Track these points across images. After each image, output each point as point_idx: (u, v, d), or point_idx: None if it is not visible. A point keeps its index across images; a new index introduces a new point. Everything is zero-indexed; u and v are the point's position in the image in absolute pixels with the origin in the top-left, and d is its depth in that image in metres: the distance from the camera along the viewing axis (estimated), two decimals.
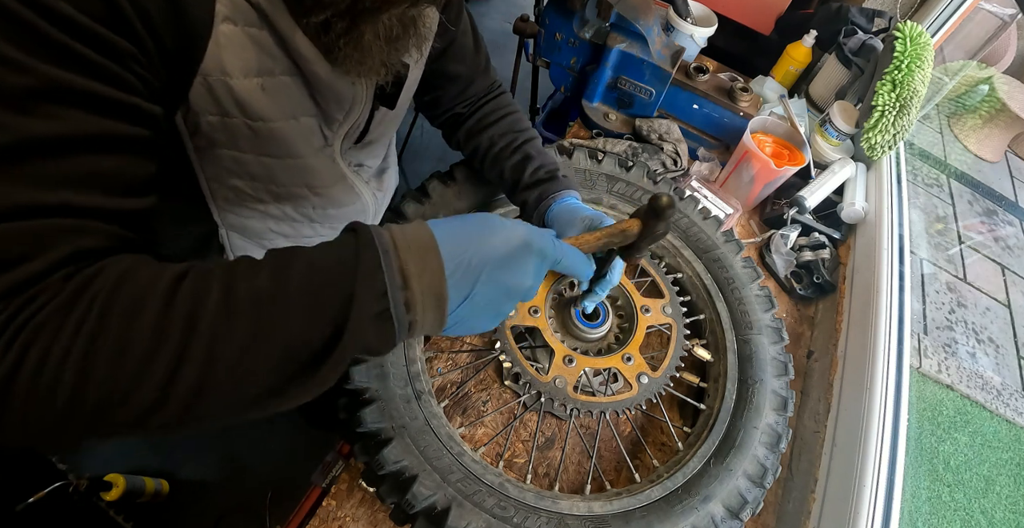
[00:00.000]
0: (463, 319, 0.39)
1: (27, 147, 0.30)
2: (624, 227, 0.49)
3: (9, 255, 0.30)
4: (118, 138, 0.34)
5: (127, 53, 0.34)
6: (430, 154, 2.10)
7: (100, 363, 0.29)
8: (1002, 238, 1.85)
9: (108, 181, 0.34)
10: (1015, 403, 1.18)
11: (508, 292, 0.40)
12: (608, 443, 0.71)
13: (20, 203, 0.30)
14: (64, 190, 0.32)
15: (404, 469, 0.55)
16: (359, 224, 0.37)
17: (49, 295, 0.31)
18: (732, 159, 1.01)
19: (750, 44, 1.42)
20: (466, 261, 0.37)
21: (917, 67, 1.00)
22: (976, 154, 2.20)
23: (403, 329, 0.36)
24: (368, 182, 0.64)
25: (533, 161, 0.69)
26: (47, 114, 0.31)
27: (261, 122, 0.45)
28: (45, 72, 0.30)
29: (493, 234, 0.39)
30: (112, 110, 0.34)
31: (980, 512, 0.99)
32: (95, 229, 0.34)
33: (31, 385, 0.29)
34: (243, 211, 0.55)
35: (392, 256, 0.35)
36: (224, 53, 0.39)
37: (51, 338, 0.29)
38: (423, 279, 0.35)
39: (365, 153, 0.61)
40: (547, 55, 1.10)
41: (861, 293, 0.91)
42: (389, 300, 0.34)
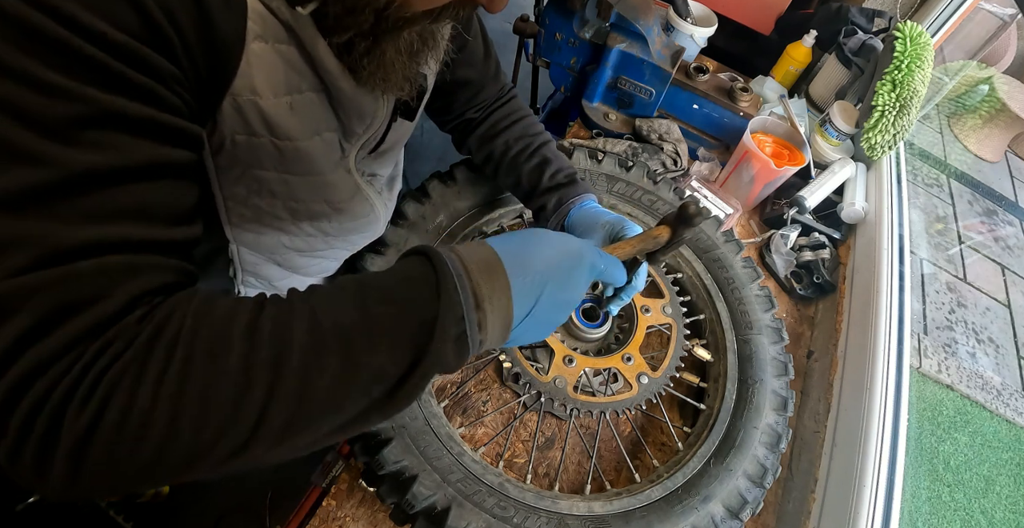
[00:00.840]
0: (524, 332, 0.40)
1: (78, 181, 0.29)
2: (656, 234, 0.52)
3: (77, 297, 0.29)
4: (168, 164, 0.33)
5: (169, 74, 0.33)
6: (430, 154, 2.10)
7: (188, 410, 0.29)
8: (1002, 238, 1.85)
9: (163, 211, 0.33)
10: (1015, 403, 1.18)
11: (565, 304, 0.41)
12: (608, 443, 0.71)
13: (80, 242, 0.29)
14: (122, 224, 0.31)
15: (404, 469, 0.55)
16: (428, 248, 0.38)
17: (126, 340, 0.29)
18: (732, 159, 1.01)
19: (750, 44, 1.42)
20: (528, 278, 0.38)
21: (917, 67, 1.00)
22: (976, 154, 2.20)
23: (475, 347, 0.37)
24: (380, 192, 0.64)
25: (551, 165, 0.69)
26: (95, 143, 0.29)
27: (288, 141, 0.45)
28: (90, 97, 0.29)
29: (550, 249, 0.40)
30: (160, 134, 0.33)
31: (980, 512, 0.99)
32: (159, 264, 0.33)
33: (115, 437, 0.28)
34: (258, 228, 0.54)
35: (465, 279, 0.36)
36: (255, 72, 0.39)
37: (133, 387, 0.28)
38: (493, 300, 0.36)
39: (379, 163, 0.61)
40: (547, 55, 1.10)
41: (861, 293, 0.91)
42: (465, 322, 0.35)
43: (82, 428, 0.27)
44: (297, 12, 0.38)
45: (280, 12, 0.38)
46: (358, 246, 0.68)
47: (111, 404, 0.28)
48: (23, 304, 0.27)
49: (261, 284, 0.62)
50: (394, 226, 0.72)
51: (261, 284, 0.62)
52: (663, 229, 0.52)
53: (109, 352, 0.29)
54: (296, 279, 0.65)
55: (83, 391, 0.28)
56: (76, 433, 0.27)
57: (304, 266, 0.63)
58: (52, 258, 0.28)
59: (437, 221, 0.75)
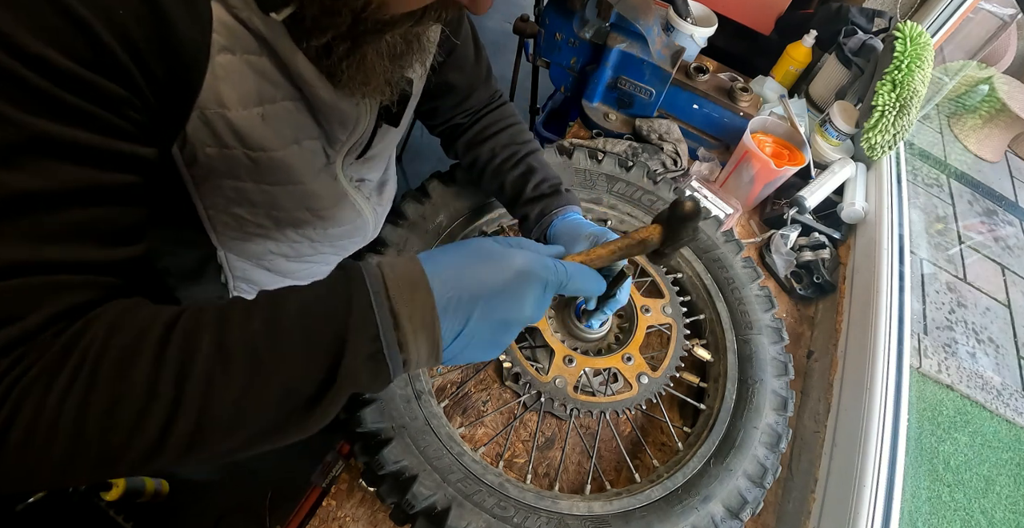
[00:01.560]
0: (460, 353, 0.38)
1: (12, 203, 0.30)
2: (643, 236, 0.47)
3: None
4: (108, 188, 0.34)
5: (117, 97, 0.33)
6: (430, 154, 2.10)
7: (95, 417, 0.29)
8: (1002, 238, 1.85)
9: (99, 233, 0.34)
10: (1015, 403, 1.18)
11: (505, 324, 0.39)
12: (608, 443, 0.71)
13: (7, 261, 0.30)
14: (53, 246, 0.31)
15: (404, 469, 0.55)
16: (349, 263, 0.37)
17: (39, 352, 0.30)
18: (732, 159, 1.01)
19: (750, 44, 1.42)
20: (457, 296, 0.36)
21: (917, 67, 1.00)
22: (976, 154, 2.20)
23: (397, 367, 0.36)
24: (369, 197, 0.64)
25: (536, 175, 0.68)
26: (32, 169, 0.30)
27: (261, 152, 0.45)
28: (30, 124, 0.29)
29: (486, 265, 0.38)
30: (101, 160, 0.33)
31: (980, 512, 0.99)
32: (87, 283, 0.33)
33: (25, 440, 0.29)
34: (243, 236, 0.54)
35: (382, 296, 0.35)
36: (222, 85, 0.38)
37: (43, 394, 0.29)
38: (414, 318, 0.35)
39: (367, 168, 0.60)
40: (547, 55, 1.10)
41: (861, 293, 0.91)
42: (381, 341, 0.34)
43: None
44: (271, 20, 0.38)
45: (251, 22, 0.37)
46: (348, 250, 0.67)
47: (22, 411, 0.29)
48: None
49: (253, 289, 0.62)
50: (394, 226, 0.72)
51: (253, 289, 0.62)
52: (653, 229, 0.47)
53: (22, 364, 0.30)
54: (288, 283, 0.64)
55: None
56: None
57: (294, 271, 0.63)
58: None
59: (437, 221, 0.75)
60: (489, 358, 0.41)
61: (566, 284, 0.42)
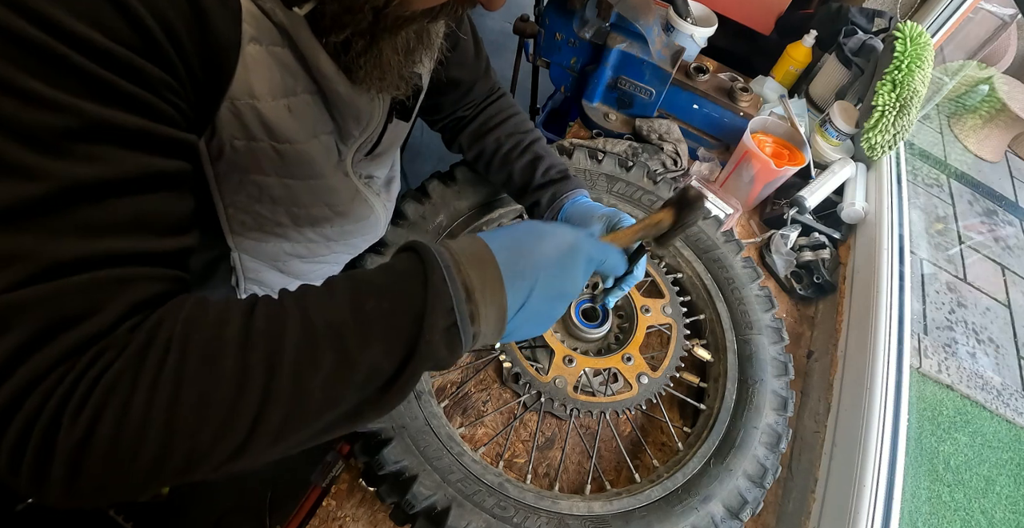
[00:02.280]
0: (520, 325, 0.40)
1: (69, 195, 0.29)
2: (659, 219, 0.51)
3: (70, 312, 0.29)
4: (161, 175, 0.33)
5: (162, 82, 0.32)
6: (430, 154, 2.10)
7: (184, 415, 0.29)
8: (1002, 238, 1.85)
9: (156, 222, 0.33)
10: (1015, 403, 1.18)
11: (561, 296, 0.41)
12: (608, 443, 0.71)
13: (71, 256, 0.29)
14: (114, 237, 0.31)
15: (404, 469, 0.55)
16: (418, 243, 0.38)
17: (117, 350, 0.29)
18: (732, 159, 1.01)
19: (750, 44, 1.42)
20: (521, 270, 0.38)
21: (917, 67, 1.00)
22: (976, 154, 2.21)
23: (468, 340, 0.37)
24: (379, 194, 0.64)
25: (543, 161, 0.69)
26: (87, 155, 0.29)
27: (288, 144, 0.44)
28: (81, 109, 0.28)
29: (543, 241, 0.40)
30: (153, 145, 0.32)
31: (980, 512, 0.99)
32: (151, 275, 0.33)
33: (111, 444, 0.28)
34: (259, 235, 0.54)
35: (454, 271, 0.36)
36: (251, 75, 0.38)
37: (127, 394, 0.28)
38: (485, 291, 0.36)
39: (375, 164, 0.61)
40: (547, 55, 1.10)
41: (861, 293, 0.91)
42: (456, 314, 0.35)
43: (77, 437, 0.27)
44: (292, 13, 0.38)
45: (274, 14, 0.37)
46: (359, 249, 0.68)
47: (106, 412, 0.28)
48: (16, 320, 0.27)
49: (263, 291, 0.62)
50: (394, 226, 0.72)
51: (263, 291, 0.62)
52: (665, 212, 0.51)
53: (101, 362, 0.29)
54: (299, 285, 0.64)
55: (76, 401, 0.28)
56: (71, 443, 0.27)
57: (306, 272, 0.63)
58: (44, 273, 0.28)
59: (437, 221, 0.75)
60: (541, 331, 0.42)
61: (604, 261, 0.45)
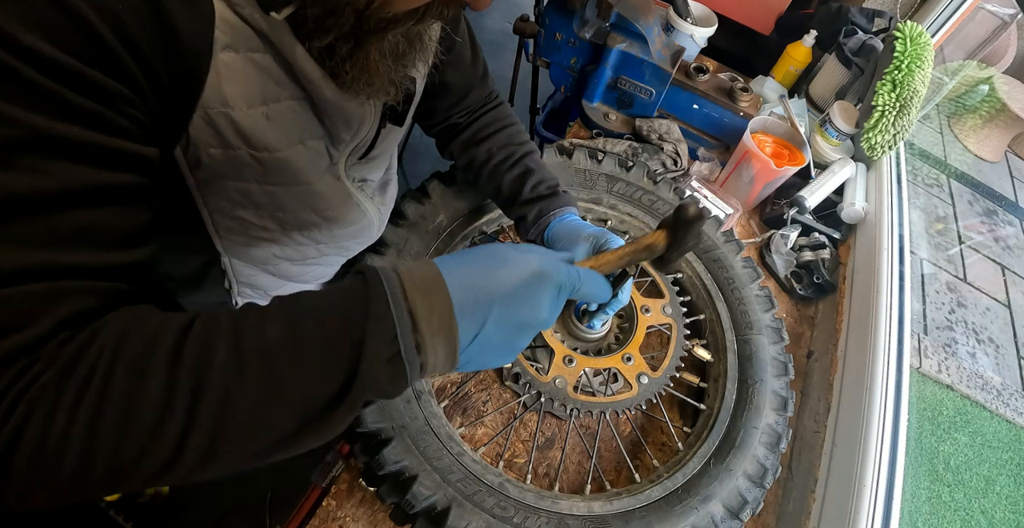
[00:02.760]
0: (476, 356, 0.38)
1: (10, 206, 0.28)
2: (649, 242, 0.47)
3: (0, 324, 0.29)
4: (109, 189, 0.32)
5: (117, 94, 0.31)
6: (430, 154, 2.10)
7: (107, 431, 0.28)
8: (1002, 238, 1.85)
9: (102, 236, 0.32)
10: (1015, 403, 1.18)
11: (520, 327, 0.38)
12: (608, 443, 0.71)
13: (7, 268, 0.28)
14: (54, 250, 0.30)
15: (404, 469, 0.55)
16: (366, 267, 0.36)
17: (46, 362, 0.29)
18: (732, 159, 1.01)
19: (750, 44, 1.42)
20: (474, 298, 0.36)
21: (917, 67, 1.00)
22: (976, 154, 2.20)
23: (415, 371, 0.35)
24: (372, 197, 0.63)
25: (533, 176, 0.67)
26: (30, 168, 0.29)
27: (266, 152, 0.44)
28: (26, 121, 0.28)
29: (501, 268, 0.38)
30: (101, 158, 0.32)
31: (980, 512, 0.99)
32: (92, 288, 0.32)
33: (33, 455, 0.28)
34: (247, 240, 0.53)
35: (400, 298, 0.34)
36: (225, 84, 0.37)
37: (51, 407, 0.28)
38: (432, 320, 0.34)
39: (369, 168, 0.60)
40: (547, 55, 1.10)
41: (861, 293, 0.91)
42: (399, 343, 0.34)
43: (1, 447, 0.27)
44: (272, 18, 0.37)
45: (253, 19, 0.37)
46: (353, 252, 0.67)
47: (28, 424, 0.28)
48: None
49: (257, 294, 0.62)
50: (394, 226, 0.72)
51: (257, 294, 0.62)
52: (659, 235, 0.47)
53: (28, 375, 0.29)
54: (292, 287, 0.64)
55: (0, 413, 0.28)
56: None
57: (299, 274, 0.63)
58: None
59: (437, 221, 0.75)
60: (504, 363, 0.40)
61: (579, 288, 0.42)
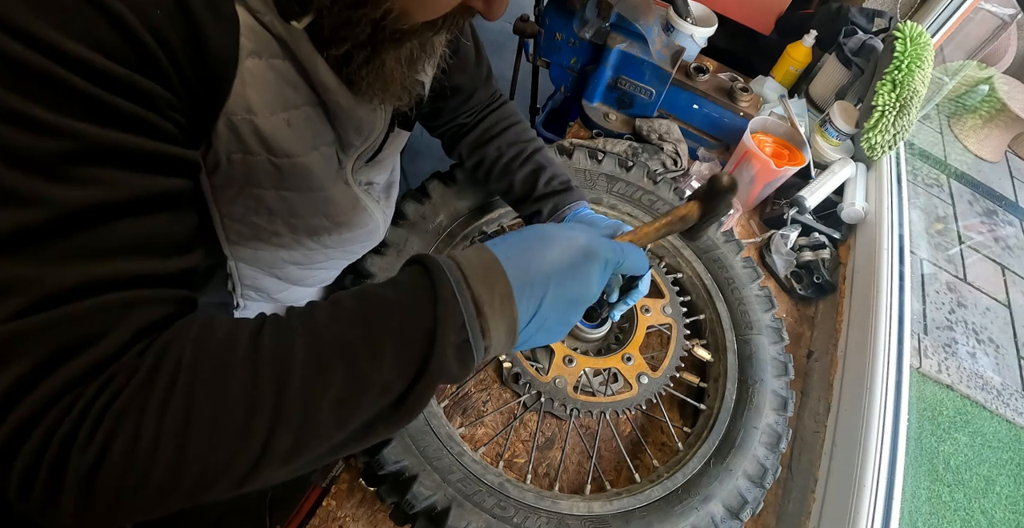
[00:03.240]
0: (533, 335, 0.39)
1: (70, 220, 0.28)
2: (684, 213, 0.49)
3: (77, 339, 0.28)
4: (163, 195, 0.32)
5: (161, 99, 0.32)
6: (430, 154, 2.10)
7: (195, 441, 0.29)
8: (1002, 238, 1.85)
9: (160, 243, 0.33)
10: (1015, 403, 1.18)
11: (575, 303, 0.40)
12: (608, 443, 0.71)
13: (74, 283, 0.28)
14: (117, 261, 0.30)
15: (404, 469, 0.55)
16: (426, 257, 0.37)
17: (126, 375, 0.29)
18: (732, 159, 1.01)
19: (750, 44, 1.42)
20: (531, 280, 0.37)
21: (917, 67, 1.00)
22: (976, 154, 2.21)
23: (480, 355, 0.36)
24: (378, 200, 0.63)
25: (546, 172, 0.68)
26: (86, 179, 0.29)
27: (286, 158, 0.44)
28: (79, 132, 0.28)
29: (552, 247, 0.39)
30: (154, 165, 0.32)
31: (980, 512, 0.99)
32: (156, 297, 0.32)
33: (122, 471, 0.28)
34: (256, 244, 0.53)
35: (463, 286, 0.35)
36: (249, 90, 0.38)
37: (137, 420, 0.28)
38: (495, 305, 0.36)
39: (376, 171, 0.60)
40: (547, 55, 1.10)
41: (861, 293, 0.91)
42: (467, 330, 0.35)
43: (87, 465, 0.27)
44: (291, 26, 0.37)
45: (273, 26, 0.37)
46: (357, 255, 0.67)
47: (116, 438, 0.28)
48: (20, 349, 0.27)
49: (260, 297, 0.62)
50: (394, 226, 0.72)
51: (260, 297, 0.62)
52: (692, 206, 0.48)
53: (110, 388, 0.29)
54: (295, 290, 0.65)
55: (86, 429, 0.28)
56: (82, 472, 0.27)
57: (303, 278, 0.63)
58: (48, 301, 0.28)
59: (437, 221, 0.75)
60: (557, 339, 0.41)
61: (623, 262, 0.43)
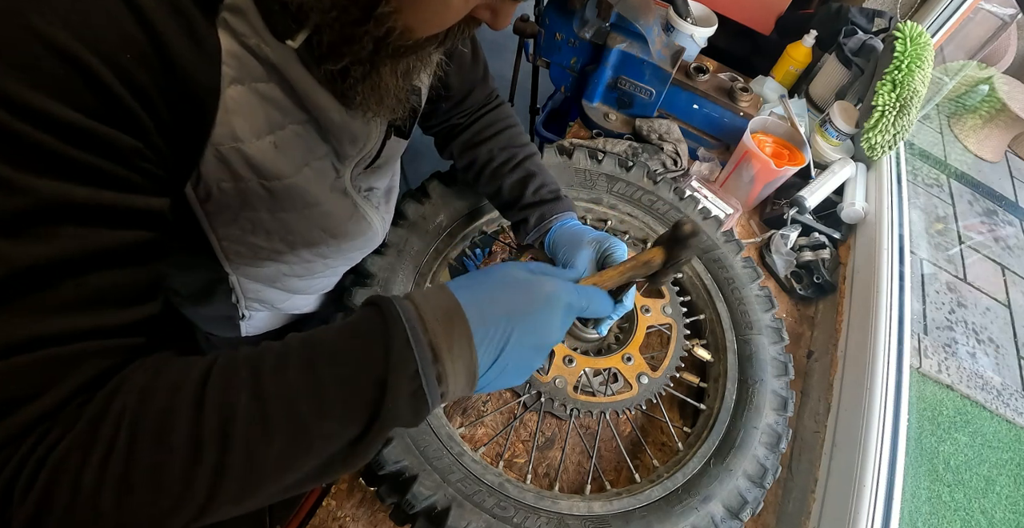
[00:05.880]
0: (494, 380, 0.38)
1: (24, 276, 0.28)
2: (647, 259, 0.48)
3: (19, 392, 0.28)
4: (122, 248, 0.32)
5: (128, 148, 0.31)
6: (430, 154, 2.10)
7: (138, 491, 0.28)
8: (1002, 238, 1.85)
9: (115, 296, 0.32)
10: (1015, 403, 1.18)
11: (537, 349, 0.39)
12: (608, 443, 0.71)
13: (24, 338, 0.28)
14: (70, 315, 0.30)
15: (404, 469, 0.55)
16: (381, 299, 0.36)
17: (63, 426, 0.29)
18: (732, 159, 1.01)
19: (750, 44, 1.42)
20: (493, 324, 0.36)
21: (917, 67, 1.00)
22: (976, 154, 2.20)
23: (435, 401, 0.35)
24: (378, 206, 0.63)
25: (535, 179, 0.67)
26: (41, 237, 0.28)
27: (276, 181, 0.43)
28: (36, 188, 0.27)
29: (517, 292, 0.38)
30: (115, 219, 0.31)
31: (980, 512, 0.99)
32: (108, 348, 0.31)
33: (64, 522, 0.27)
34: (256, 261, 0.53)
35: (420, 331, 0.34)
36: (234, 118, 0.37)
37: (78, 471, 0.28)
38: (453, 350, 0.34)
39: (376, 176, 0.60)
40: (547, 55, 1.10)
41: (861, 293, 0.91)
42: (421, 377, 0.33)
43: (28, 517, 0.27)
44: (282, 46, 0.36)
45: (259, 50, 0.36)
46: (357, 260, 0.67)
47: (54, 491, 0.27)
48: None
49: (264, 307, 0.62)
50: (394, 226, 0.72)
51: (264, 307, 0.62)
52: (656, 252, 0.48)
53: (47, 441, 0.28)
54: (299, 299, 0.65)
55: (23, 482, 0.27)
56: (23, 523, 0.27)
57: (305, 288, 0.63)
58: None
59: (437, 221, 0.75)
60: (519, 382, 0.40)
61: (587, 307, 0.43)
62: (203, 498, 0.30)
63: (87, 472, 0.28)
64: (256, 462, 0.31)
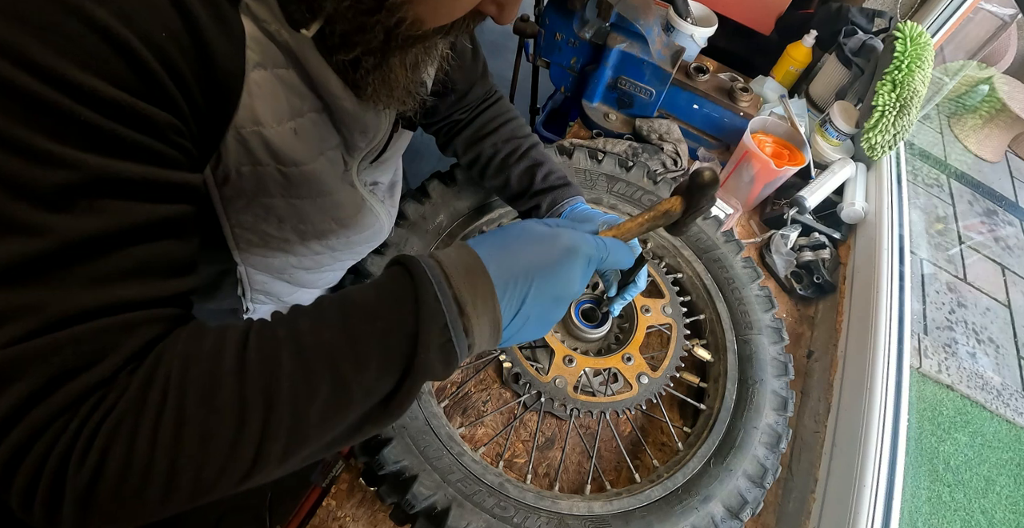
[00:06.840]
0: (517, 332, 0.39)
1: (73, 249, 0.29)
2: (667, 208, 0.48)
3: (77, 361, 0.29)
4: (165, 222, 0.33)
5: (167, 125, 0.32)
6: (430, 154, 2.10)
7: (187, 452, 0.29)
8: (1002, 238, 1.85)
9: (160, 267, 0.33)
10: (1015, 403, 1.18)
11: (557, 300, 0.40)
12: (608, 443, 0.71)
13: (76, 308, 0.29)
14: (118, 286, 0.31)
15: (404, 469, 0.55)
16: (407, 258, 0.37)
17: (118, 393, 0.30)
18: (732, 159, 1.01)
19: (750, 44, 1.42)
20: (513, 277, 0.37)
21: (917, 67, 1.00)
22: (976, 154, 2.20)
23: (464, 353, 0.37)
24: (383, 200, 0.64)
25: (543, 167, 0.69)
26: (89, 209, 0.29)
27: (294, 167, 0.44)
28: (83, 162, 0.28)
29: (535, 245, 0.40)
30: (157, 193, 0.32)
31: (980, 512, 0.99)
32: (153, 318, 0.33)
33: (117, 487, 0.28)
34: (266, 251, 0.54)
35: (445, 286, 0.36)
36: (256, 102, 0.38)
37: (131, 435, 0.29)
38: (477, 304, 0.36)
39: (380, 170, 0.61)
40: (547, 55, 1.10)
41: (861, 293, 0.91)
42: (450, 330, 0.35)
43: (85, 480, 0.28)
44: (299, 34, 0.37)
45: (279, 35, 0.37)
46: (363, 255, 0.68)
47: (110, 454, 0.28)
48: (21, 372, 0.28)
49: (270, 300, 0.62)
50: (394, 226, 0.72)
51: (270, 300, 0.62)
52: (675, 200, 0.48)
53: (103, 407, 0.29)
54: (304, 293, 0.65)
55: (81, 446, 0.28)
56: (80, 486, 0.28)
57: (312, 281, 0.63)
58: (49, 326, 0.28)
59: (437, 221, 0.75)
60: (541, 334, 0.42)
61: (606, 258, 0.44)
62: (250, 457, 0.31)
63: (140, 437, 0.29)
64: (299, 419, 0.32)
